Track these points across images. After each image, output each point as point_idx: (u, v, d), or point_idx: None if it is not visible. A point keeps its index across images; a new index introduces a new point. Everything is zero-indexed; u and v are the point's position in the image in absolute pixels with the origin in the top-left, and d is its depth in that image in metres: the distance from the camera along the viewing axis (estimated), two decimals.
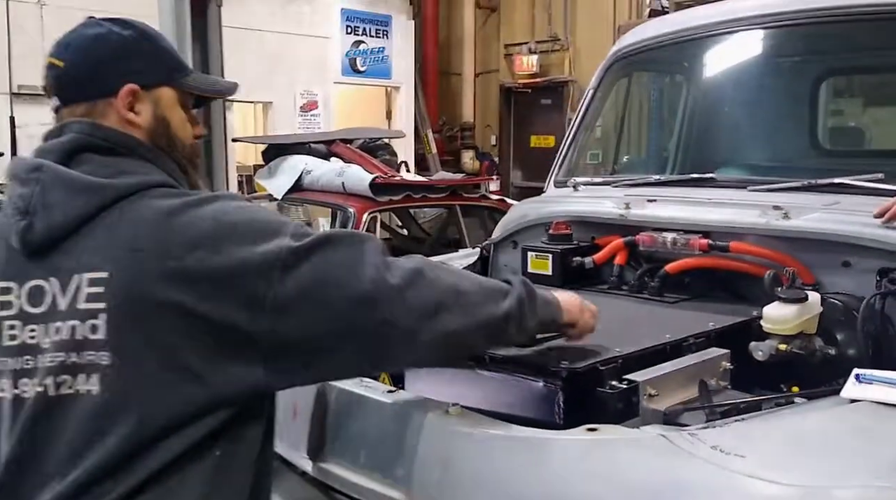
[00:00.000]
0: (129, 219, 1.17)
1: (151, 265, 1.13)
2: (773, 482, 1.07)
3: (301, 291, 1.14)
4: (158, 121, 1.31)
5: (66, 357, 1.16)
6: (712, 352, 1.59)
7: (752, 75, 2.72)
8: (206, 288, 1.12)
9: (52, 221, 1.17)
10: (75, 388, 1.15)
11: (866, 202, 1.85)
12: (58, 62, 1.28)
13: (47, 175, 1.19)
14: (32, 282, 1.19)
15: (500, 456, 1.24)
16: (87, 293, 1.15)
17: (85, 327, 1.14)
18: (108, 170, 1.21)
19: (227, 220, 1.18)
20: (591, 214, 2.32)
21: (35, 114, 7.20)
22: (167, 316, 1.12)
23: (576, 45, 10.56)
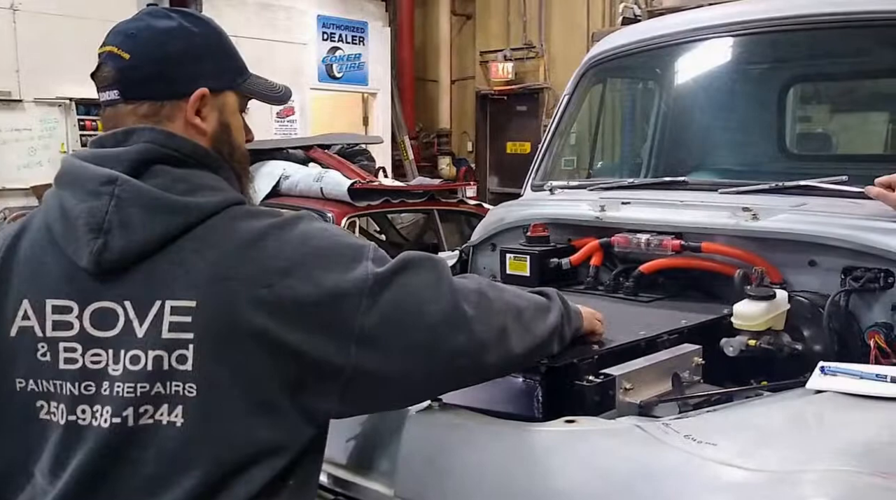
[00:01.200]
0: (214, 243, 1.10)
1: (241, 294, 1.07)
2: (743, 469, 1.11)
3: (384, 319, 1.12)
4: (223, 127, 1.24)
5: (149, 387, 1.08)
6: (685, 348, 1.64)
7: (722, 82, 2.79)
8: (297, 317, 1.08)
9: (131, 242, 1.08)
10: (157, 418, 1.08)
11: (832, 204, 1.92)
12: (122, 53, 1.17)
13: (124, 190, 1.09)
14: (100, 304, 1.10)
15: (482, 448, 1.27)
16: (171, 322, 1.07)
17: (172, 358, 1.07)
18: (184, 185, 1.13)
19: (315, 245, 1.13)
20: (568, 216, 2.37)
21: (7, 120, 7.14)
22: (256, 347, 1.07)
23: (550, 52, 10.66)
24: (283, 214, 1.19)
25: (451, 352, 1.17)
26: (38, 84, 7.16)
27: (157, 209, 1.10)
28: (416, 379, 1.18)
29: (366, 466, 1.39)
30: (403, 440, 1.34)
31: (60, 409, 1.11)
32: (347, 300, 1.10)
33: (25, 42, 7.05)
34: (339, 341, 1.10)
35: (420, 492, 1.30)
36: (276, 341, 1.07)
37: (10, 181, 7.12)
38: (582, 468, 1.19)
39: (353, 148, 6.16)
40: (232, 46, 1.30)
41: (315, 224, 1.18)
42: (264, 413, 1.09)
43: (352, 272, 1.12)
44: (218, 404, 1.08)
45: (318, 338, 1.09)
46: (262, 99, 1.34)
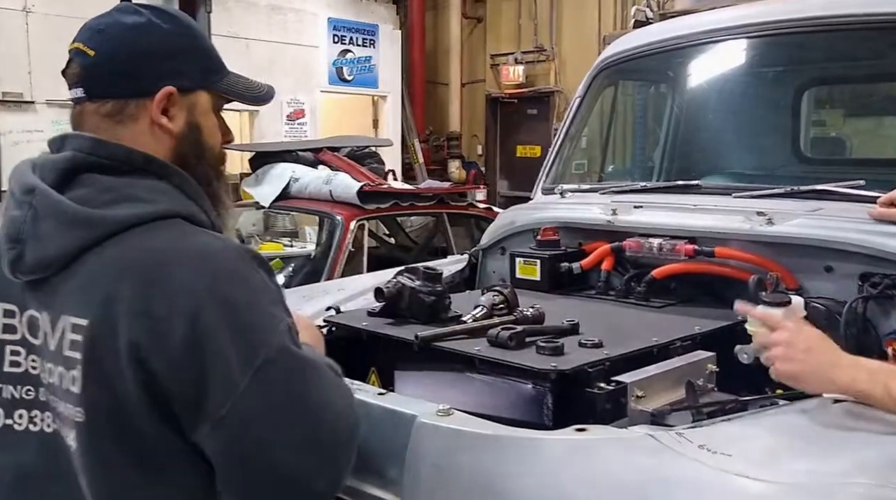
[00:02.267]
0: (116, 260, 1.04)
1: (125, 319, 1.01)
2: (759, 480, 1.09)
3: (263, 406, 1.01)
4: (191, 128, 1.18)
5: (57, 403, 1.07)
6: (698, 355, 1.62)
7: (735, 85, 2.76)
8: (169, 361, 1.00)
9: (42, 255, 1.06)
10: (64, 437, 1.07)
11: (848, 208, 1.89)
12: (88, 50, 1.14)
13: (39, 201, 1.07)
14: (29, 312, 1.10)
15: (491, 456, 1.25)
16: (69, 340, 1.05)
17: (68, 378, 1.05)
18: (109, 195, 1.08)
19: (222, 295, 1.02)
20: (579, 220, 2.34)
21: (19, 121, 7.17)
22: (131, 377, 1.01)
23: (561, 55, 10.63)
24: (217, 240, 1.10)
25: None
26: (49, 86, 7.17)
27: (68, 223, 1.06)
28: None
29: (372, 472, 1.36)
30: (411, 447, 1.31)
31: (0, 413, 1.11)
32: (223, 375, 1.00)
33: (37, 44, 7.07)
34: (195, 412, 1.01)
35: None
36: (150, 377, 1.01)
37: None
38: (592, 479, 1.17)
39: (363, 151, 6.14)
40: (206, 44, 1.24)
41: (241, 268, 1.07)
42: (144, 447, 1.04)
43: (252, 343, 1.02)
44: (99, 432, 1.04)
45: (185, 390, 1.01)
46: (239, 99, 1.27)
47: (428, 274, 1.81)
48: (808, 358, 1.28)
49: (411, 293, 1.79)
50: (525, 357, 1.50)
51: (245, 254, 1.10)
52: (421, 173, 10.77)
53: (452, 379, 1.56)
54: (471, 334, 1.65)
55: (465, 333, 1.65)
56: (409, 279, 1.81)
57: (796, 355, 1.29)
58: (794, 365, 1.30)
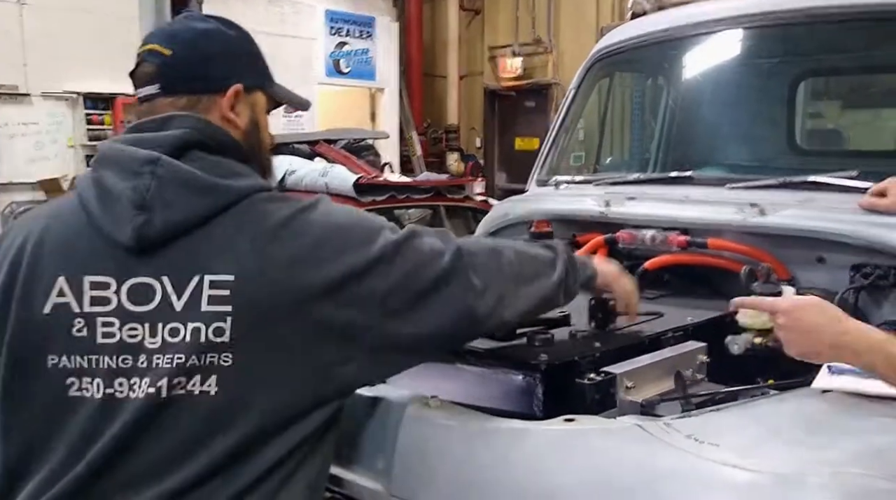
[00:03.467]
0: (248, 222, 1.17)
1: (277, 271, 1.15)
2: (747, 470, 1.08)
3: (401, 281, 1.21)
4: (253, 124, 1.32)
5: (184, 359, 1.12)
6: (689, 345, 1.61)
7: (730, 76, 2.75)
8: (326, 291, 1.16)
9: (171, 219, 1.14)
10: (189, 389, 1.12)
11: (841, 199, 1.88)
12: (164, 50, 1.26)
13: (166, 170, 1.16)
14: (137, 279, 1.15)
15: (479, 447, 1.25)
16: (209, 295, 1.13)
17: (209, 330, 1.12)
18: (219, 170, 1.20)
19: (339, 223, 1.23)
20: (572, 211, 2.34)
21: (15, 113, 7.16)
22: (289, 318, 1.14)
23: (559, 47, 10.61)
24: (304, 200, 1.26)
25: (458, 302, 1.25)
26: (45, 78, 7.18)
27: (196, 189, 1.17)
28: (431, 333, 1.25)
29: (361, 463, 1.36)
30: (399, 438, 1.32)
31: (96, 384, 1.15)
32: (370, 271, 1.19)
33: (32, 36, 7.06)
34: (364, 311, 1.18)
35: (415, 491, 1.28)
36: (308, 313, 1.15)
37: (17, 175, 7.14)
38: (580, 469, 1.16)
39: (359, 143, 6.14)
40: (261, 53, 1.39)
41: (334, 206, 1.27)
42: (297, 382, 1.16)
43: (372, 245, 1.21)
44: (252, 374, 1.14)
45: (345, 309, 1.17)
46: (288, 103, 1.45)
47: None
48: (807, 338, 1.27)
49: None
50: (515, 348, 1.50)
51: (327, 199, 1.29)
52: (419, 166, 10.77)
53: (442, 370, 1.56)
54: None
55: None
56: None
57: (798, 336, 1.28)
58: (797, 346, 1.29)
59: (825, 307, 1.29)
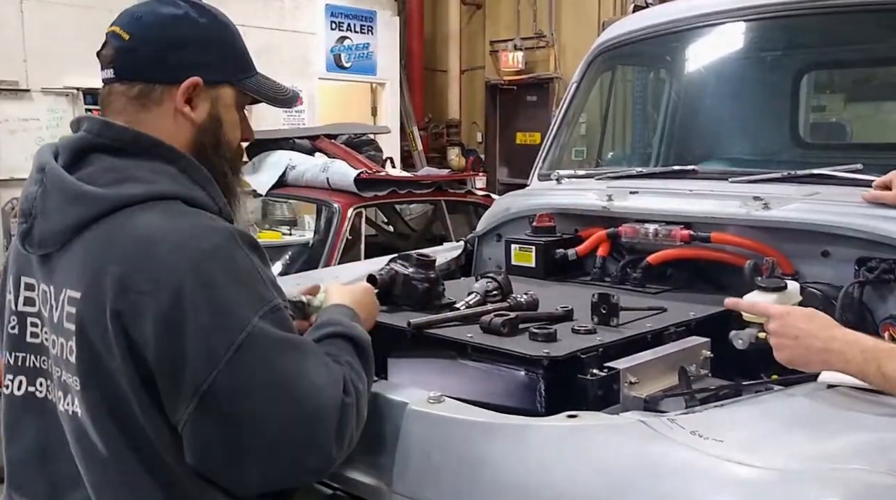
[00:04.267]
0: (109, 236, 1.09)
1: (111, 292, 1.05)
2: (751, 466, 1.08)
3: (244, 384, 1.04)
4: (212, 119, 1.24)
5: (60, 373, 1.14)
6: (693, 340, 1.60)
7: (733, 69, 2.73)
8: (155, 336, 1.03)
9: (47, 230, 1.13)
10: (65, 406, 1.13)
11: (845, 193, 1.87)
12: (123, 34, 1.19)
13: (48, 178, 1.14)
14: (42, 285, 1.16)
15: (481, 443, 1.24)
16: (66, 312, 1.10)
17: (66, 348, 1.11)
18: (112, 175, 1.13)
19: (209, 275, 1.05)
20: (574, 206, 2.32)
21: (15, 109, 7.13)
22: (117, 349, 1.05)
23: (561, 41, 10.56)
24: (210, 223, 1.11)
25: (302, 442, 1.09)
26: (45, 74, 7.15)
27: (69, 199, 1.11)
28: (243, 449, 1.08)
29: (363, 461, 1.35)
30: (401, 435, 1.31)
31: (18, 381, 1.17)
32: (204, 350, 1.03)
33: (33, 31, 7.03)
34: (190, 382, 1.04)
35: (417, 488, 1.27)
36: (133, 348, 1.04)
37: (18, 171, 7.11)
38: (583, 465, 1.16)
39: (360, 138, 6.11)
40: (238, 43, 1.30)
41: (231, 251, 1.08)
42: (128, 418, 1.07)
43: (233, 322, 1.04)
44: (95, 399, 1.09)
45: (166, 366, 1.04)
46: (263, 99, 1.32)
47: (421, 261, 1.80)
48: (797, 344, 1.27)
49: (404, 280, 1.77)
50: (518, 344, 1.49)
51: (235, 235, 1.12)
52: (420, 161, 10.74)
53: (445, 366, 1.55)
54: (464, 321, 1.63)
55: (458, 319, 1.64)
56: (402, 266, 1.80)
57: (788, 342, 1.28)
58: (786, 352, 1.29)
59: (815, 315, 1.29)
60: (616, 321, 1.61)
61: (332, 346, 1.23)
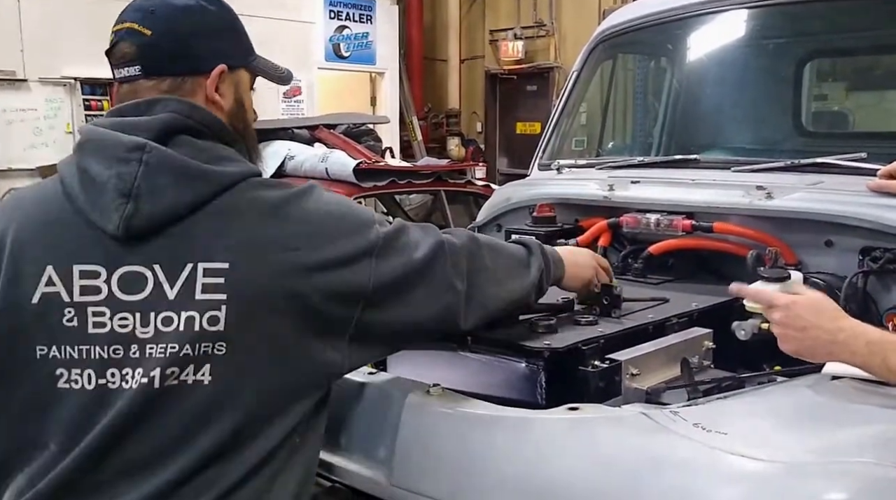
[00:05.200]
0: (240, 209, 1.15)
1: (272, 257, 1.13)
2: (755, 459, 1.06)
3: (390, 275, 1.21)
4: (237, 104, 1.28)
5: (178, 349, 1.10)
6: (695, 331, 1.59)
7: (735, 57, 2.70)
8: (318, 278, 1.15)
9: (160, 207, 1.11)
10: (183, 379, 1.10)
11: (849, 182, 1.85)
12: (143, 30, 1.20)
13: (154, 157, 1.12)
14: (127, 268, 1.12)
15: (481, 436, 1.23)
16: (203, 284, 1.11)
17: (204, 319, 1.10)
18: (205, 155, 1.16)
19: (331, 211, 1.22)
20: (575, 196, 2.31)
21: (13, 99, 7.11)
22: (284, 307, 1.13)
23: (561, 30, 10.52)
24: (296, 186, 1.24)
25: (438, 300, 1.27)
26: (42, 64, 7.13)
27: (185, 176, 1.13)
28: (411, 326, 1.28)
29: (362, 453, 1.34)
30: (400, 428, 1.30)
31: (87, 374, 1.12)
32: (360, 262, 1.19)
33: (30, 21, 7.00)
34: (350, 300, 1.18)
35: (416, 481, 1.26)
36: (303, 300, 1.14)
37: (16, 162, 7.11)
38: (585, 458, 1.14)
39: (360, 128, 6.09)
40: (242, 27, 1.33)
41: (326, 194, 1.25)
42: (288, 369, 1.15)
43: (364, 236, 1.21)
44: (244, 361, 1.12)
45: (335, 296, 1.16)
46: (269, 78, 1.38)
47: None
48: (804, 336, 1.25)
49: None
50: (518, 335, 1.47)
51: (320, 187, 1.27)
52: (420, 151, 10.71)
53: (445, 358, 1.54)
54: None
55: None
56: None
57: (793, 333, 1.26)
58: (792, 344, 1.27)
59: (821, 306, 1.26)
60: (617, 312, 1.60)
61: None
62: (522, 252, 1.48)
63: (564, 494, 1.12)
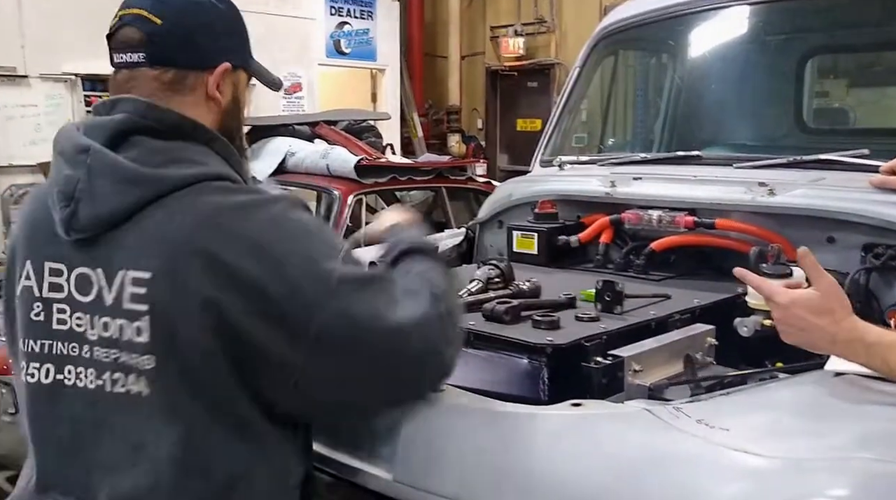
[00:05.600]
0: (176, 215, 1.09)
1: (200, 266, 1.05)
2: (758, 455, 1.06)
3: (341, 322, 1.09)
4: (235, 103, 1.27)
5: (118, 354, 1.10)
6: (697, 328, 1.59)
7: (737, 53, 2.70)
8: (250, 301, 1.06)
9: (98, 212, 1.10)
10: (128, 387, 1.10)
11: (852, 178, 1.85)
12: (154, 18, 1.17)
13: (95, 160, 1.11)
14: (80, 269, 1.13)
15: (484, 432, 1.22)
16: (130, 293, 1.08)
17: (131, 329, 1.09)
18: (160, 157, 1.12)
19: (286, 232, 1.10)
20: (577, 192, 2.31)
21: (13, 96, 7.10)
22: (209, 321, 1.06)
23: (562, 27, 10.50)
24: (265, 193, 1.16)
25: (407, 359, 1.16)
26: (43, 60, 7.11)
27: (124, 181, 1.10)
28: (370, 385, 1.16)
29: (365, 449, 1.34)
30: (404, 423, 1.29)
31: (45, 368, 1.15)
32: (305, 296, 1.07)
33: (30, 17, 6.98)
34: (292, 336, 1.07)
35: (419, 477, 1.25)
36: (226, 319, 1.05)
37: (17, 158, 7.09)
38: (588, 454, 1.14)
39: (361, 124, 6.08)
40: (245, 27, 1.32)
41: (293, 212, 1.14)
42: (216, 389, 1.09)
43: (317, 269, 1.09)
44: (174, 377, 1.08)
45: (270, 327, 1.06)
46: (264, 82, 1.37)
47: None
48: (803, 335, 1.25)
49: None
50: (520, 332, 1.48)
51: (290, 199, 1.18)
52: (420, 147, 10.69)
53: None
54: (466, 309, 1.62)
55: None
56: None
57: (793, 332, 1.26)
58: (792, 338, 1.27)
59: (822, 304, 1.25)
60: (620, 309, 1.60)
61: (404, 263, 1.30)
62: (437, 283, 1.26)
63: (567, 490, 1.12)
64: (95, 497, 1.11)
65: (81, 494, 1.12)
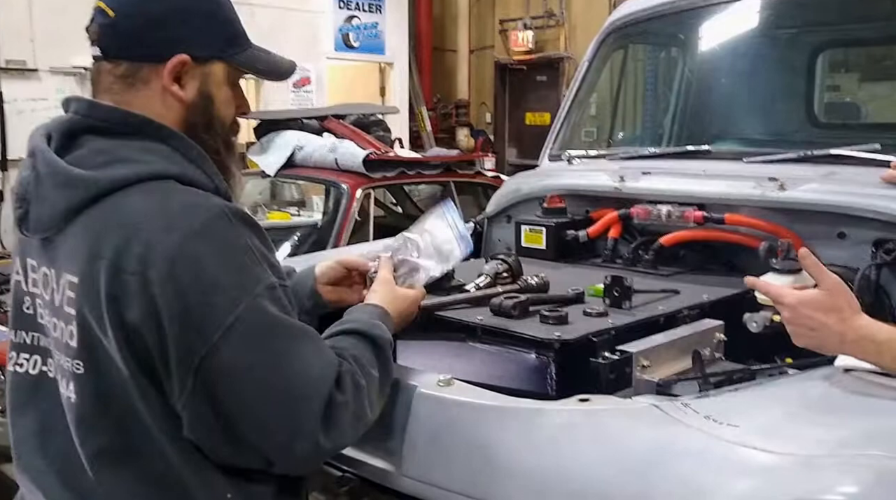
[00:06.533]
0: (103, 218, 1.06)
1: (104, 276, 1.03)
2: (766, 452, 1.06)
3: (231, 366, 1.03)
4: (203, 97, 1.18)
5: (60, 357, 1.13)
6: (706, 323, 1.58)
7: (748, 47, 2.69)
8: (151, 314, 1.02)
9: (42, 215, 1.11)
10: (67, 392, 1.12)
11: (863, 173, 1.84)
12: (108, 10, 1.14)
13: (40, 163, 1.12)
14: (43, 268, 1.16)
15: (492, 427, 1.23)
16: (66, 296, 1.09)
17: (66, 332, 1.10)
18: (102, 157, 1.10)
19: (205, 250, 1.03)
20: (586, 187, 2.30)
21: (23, 89, 7.13)
22: (112, 332, 1.04)
23: (571, 20, 10.45)
24: (204, 201, 1.09)
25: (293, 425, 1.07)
26: (53, 53, 7.13)
27: (61, 184, 1.09)
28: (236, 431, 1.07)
29: (372, 443, 1.34)
30: (411, 418, 1.30)
31: (33, 360, 1.18)
32: (196, 327, 1.02)
33: (40, 11, 7.01)
34: (182, 362, 1.03)
35: (426, 471, 1.26)
36: (127, 331, 1.03)
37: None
38: (595, 449, 1.14)
39: (369, 118, 6.06)
40: (229, 14, 1.23)
41: (224, 227, 1.06)
42: (129, 401, 1.06)
43: (218, 301, 1.03)
44: (100, 382, 1.08)
45: (160, 348, 1.03)
46: (255, 73, 1.27)
47: None
48: (812, 335, 1.25)
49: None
50: (528, 326, 1.47)
51: (226, 212, 1.09)
52: (429, 141, 10.68)
53: (455, 349, 1.54)
54: (474, 304, 1.62)
55: (468, 302, 1.63)
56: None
57: (803, 332, 1.26)
58: (803, 340, 1.27)
59: (829, 303, 1.24)
60: (628, 304, 1.59)
61: (343, 341, 1.21)
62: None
63: (574, 485, 1.12)
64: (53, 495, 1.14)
65: (46, 489, 1.15)
